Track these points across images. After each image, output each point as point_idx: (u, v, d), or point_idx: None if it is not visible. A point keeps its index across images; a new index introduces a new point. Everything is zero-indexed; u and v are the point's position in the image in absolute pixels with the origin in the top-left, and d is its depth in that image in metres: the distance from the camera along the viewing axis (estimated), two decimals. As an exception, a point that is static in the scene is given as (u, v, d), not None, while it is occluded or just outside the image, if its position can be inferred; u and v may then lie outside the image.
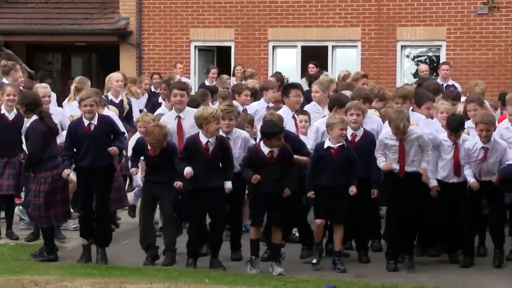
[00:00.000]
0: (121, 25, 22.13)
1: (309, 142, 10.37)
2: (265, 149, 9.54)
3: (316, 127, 10.50)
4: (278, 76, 16.68)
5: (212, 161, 9.64)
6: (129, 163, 10.50)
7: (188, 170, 9.51)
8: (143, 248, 10.05)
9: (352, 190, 9.64)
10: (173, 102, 10.66)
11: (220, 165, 9.74)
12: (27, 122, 10.34)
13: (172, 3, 21.65)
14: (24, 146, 10.75)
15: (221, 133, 9.92)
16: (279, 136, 9.50)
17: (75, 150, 9.90)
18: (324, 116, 10.77)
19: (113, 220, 11.28)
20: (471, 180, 9.82)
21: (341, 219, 9.78)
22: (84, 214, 10.03)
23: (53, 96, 13.39)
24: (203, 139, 9.65)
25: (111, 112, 11.55)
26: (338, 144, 9.69)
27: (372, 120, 10.53)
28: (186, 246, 9.88)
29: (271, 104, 12.47)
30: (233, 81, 17.49)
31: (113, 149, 9.76)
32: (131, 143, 10.92)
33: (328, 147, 9.72)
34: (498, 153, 9.86)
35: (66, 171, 9.79)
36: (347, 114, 10.04)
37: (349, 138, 9.93)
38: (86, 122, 9.82)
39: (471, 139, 10.08)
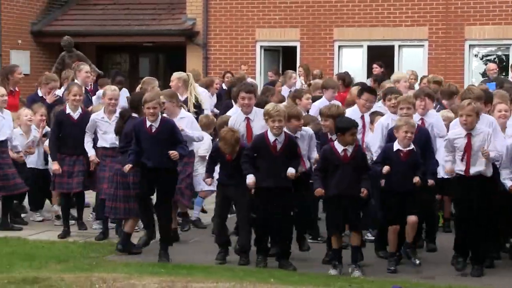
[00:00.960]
0: (188, 25, 22.32)
1: (376, 137, 10.35)
2: (339, 148, 9.51)
3: (381, 123, 10.47)
4: (340, 75, 16.63)
5: (280, 159, 9.65)
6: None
7: (250, 180, 9.58)
8: (218, 244, 10.10)
9: (416, 178, 9.54)
10: (241, 104, 10.67)
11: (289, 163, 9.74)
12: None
13: (238, 4, 21.76)
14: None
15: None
16: (352, 131, 9.46)
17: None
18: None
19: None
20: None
21: (414, 212, 9.61)
22: (142, 209, 10.16)
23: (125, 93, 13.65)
24: (271, 137, 9.70)
25: (188, 114, 11.59)
26: (408, 148, 9.61)
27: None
28: (254, 245, 9.93)
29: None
30: (299, 81, 17.47)
31: (173, 153, 9.80)
32: None
33: (398, 149, 9.65)
34: None
35: (127, 166, 9.91)
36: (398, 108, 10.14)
37: None
38: (148, 123, 9.95)
39: None
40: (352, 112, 10.83)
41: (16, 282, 8.36)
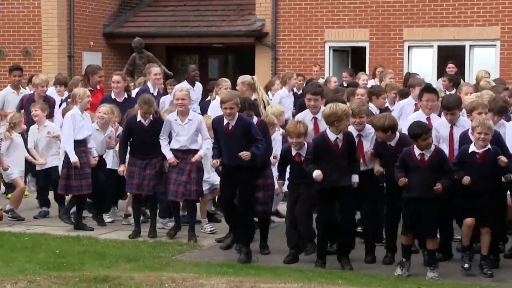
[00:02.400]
0: (257, 26, 22.39)
1: None
2: (417, 152, 9.45)
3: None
4: (412, 75, 16.45)
5: (342, 158, 9.65)
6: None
7: (317, 173, 9.56)
8: (289, 247, 10.14)
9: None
10: (307, 106, 10.69)
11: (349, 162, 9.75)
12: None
13: (307, 4, 21.75)
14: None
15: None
16: (423, 137, 9.37)
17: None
18: None
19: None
20: None
21: (488, 223, 9.48)
22: (226, 213, 10.29)
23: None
24: (332, 136, 9.68)
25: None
26: (483, 149, 9.48)
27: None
28: (316, 245, 9.94)
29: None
30: (373, 82, 17.36)
31: (244, 154, 9.85)
32: None
33: (473, 151, 9.54)
34: None
35: (215, 162, 10.19)
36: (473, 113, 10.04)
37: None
38: (225, 121, 10.07)
39: None
40: (417, 117, 10.73)
41: (87, 280, 8.49)
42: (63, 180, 11.80)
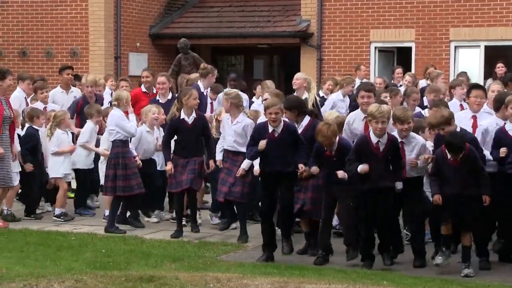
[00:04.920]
0: (302, 27, 22.37)
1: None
2: (449, 154, 9.47)
3: (484, 128, 10.21)
4: (465, 75, 16.32)
5: (383, 161, 9.62)
6: None
7: (363, 167, 9.54)
8: (321, 248, 10.16)
9: None
10: (361, 103, 10.64)
11: (391, 167, 9.70)
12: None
13: (352, 5, 21.68)
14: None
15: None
16: (460, 151, 9.36)
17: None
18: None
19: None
20: None
21: None
22: (266, 229, 10.25)
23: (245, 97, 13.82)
24: (374, 138, 9.66)
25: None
26: None
27: None
28: (360, 247, 9.92)
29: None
30: (425, 82, 17.24)
31: (301, 167, 9.91)
32: None
33: None
34: None
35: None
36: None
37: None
38: (270, 128, 10.04)
39: None
40: (464, 114, 10.65)
41: (133, 280, 8.56)
42: (110, 181, 11.87)
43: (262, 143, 9.98)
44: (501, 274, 9.59)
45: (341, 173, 9.71)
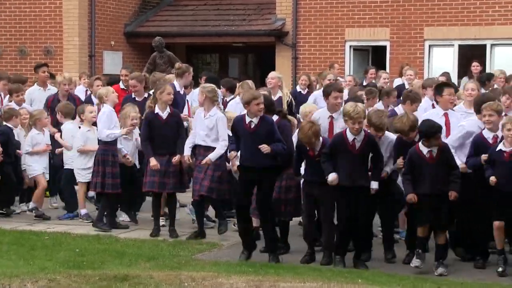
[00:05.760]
0: (277, 26, 22.39)
1: (452, 137, 10.16)
2: (424, 149, 9.48)
3: (464, 128, 10.17)
4: (447, 75, 16.42)
5: (359, 158, 9.63)
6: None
7: (333, 177, 9.57)
8: (307, 243, 10.15)
9: None
10: (333, 104, 10.63)
11: (369, 165, 9.73)
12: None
13: (327, 3, 21.72)
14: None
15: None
16: (437, 136, 9.41)
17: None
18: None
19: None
20: None
21: None
22: (240, 221, 10.21)
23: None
24: (350, 136, 9.68)
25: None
26: (511, 148, 9.42)
27: None
28: (334, 245, 9.93)
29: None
30: (400, 81, 17.32)
31: (264, 147, 9.79)
32: None
33: (500, 150, 9.46)
34: None
35: (233, 153, 10.11)
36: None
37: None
38: (247, 120, 10.00)
39: None
40: (436, 112, 10.70)
41: (107, 279, 8.51)
42: (95, 178, 11.85)
43: (231, 155, 10.05)
44: (473, 272, 9.64)
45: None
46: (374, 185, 9.67)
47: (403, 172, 9.75)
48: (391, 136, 10.17)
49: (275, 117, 10.46)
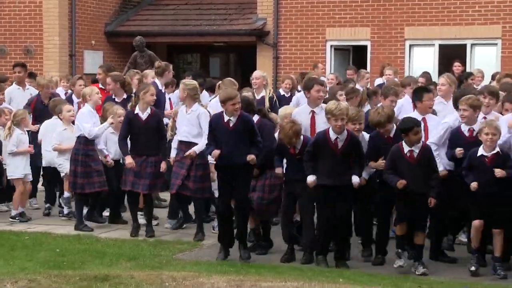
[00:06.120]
0: (258, 25, 22.38)
1: (437, 135, 10.19)
2: (406, 148, 9.51)
3: (448, 124, 10.20)
4: (427, 76, 16.45)
5: (341, 157, 9.65)
6: None
7: (310, 180, 9.60)
8: (286, 242, 10.16)
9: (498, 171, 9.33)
10: (315, 97, 10.62)
11: (350, 163, 9.73)
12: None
13: (308, 3, 21.74)
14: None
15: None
16: (415, 130, 9.43)
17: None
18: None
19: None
20: None
21: (501, 224, 9.41)
22: (220, 216, 10.22)
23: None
24: (333, 135, 9.70)
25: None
26: (492, 152, 9.42)
27: None
28: (317, 244, 9.94)
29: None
30: (381, 80, 17.34)
31: (251, 158, 9.85)
32: None
33: (482, 155, 9.45)
34: None
35: (216, 151, 9.96)
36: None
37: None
38: (226, 118, 9.99)
39: None
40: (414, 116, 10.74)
41: (88, 279, 8.49)
42: (71, 177, 11.80)
43: (215, 154, 9.95)
44: (453, 270, 9.69)
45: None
46: (355, 179, 9.66)
47: (385, 168, 9.68)
48: (366, 134, 10.23)
49: (255, 117, 10.47)
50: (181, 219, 11.92)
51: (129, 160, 11.28)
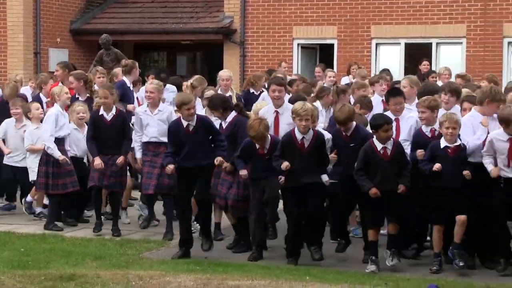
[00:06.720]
0: (225, 23, 22.35)
1: (403, 132, 10.23)
2: (379, 146, 9.52)
3: (414, 119, 10.29)
4: (386, 72, 16.51)
5: (308, 157, 9.66)
6: None
7: (284, 164, 9.57)
8: (254, 245, 10.15)
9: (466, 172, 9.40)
10: (272, 97, 10.72)
11: (318, 162, 9.76)
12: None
13: (275, 1, 21.74)
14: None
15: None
16: (385, 127, 9.45)
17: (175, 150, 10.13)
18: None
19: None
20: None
21: (464, 211, 9.38)
22: (181, 220, 10.21)
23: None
24: (299, 135, 9.71)
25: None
26: (455, 144, 9.48)
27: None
28: (286, 244, 9.95)
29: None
30: (347, 79, 17.39)
31: (220, 160, 9.89)
32: None
33: (446, 146, 9.53)
34: None
35: (170, 167, 9.97)
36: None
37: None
38: (185, 123, 9.98)
39: None
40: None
41: (53, 279, 8.42)
42: (43, 178, 11.68)
43: (169, 169, 9.94)
44: (418, 268, 9.72)
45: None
46: (325, 177, 9.70)
47: (356, 168, 9.68)
48: (328, 135, 10.24)
49: (232, 114, 10.46)
50: (148, 217, 11.88)
51: (97, 161, 11.27)
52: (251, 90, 15.07)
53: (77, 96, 13.19)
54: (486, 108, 9.74)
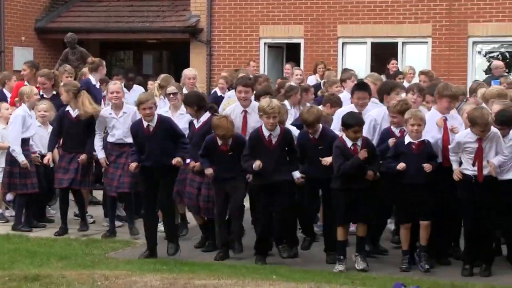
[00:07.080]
0: (191, 22, 22.30)
1: (364, 128, 10.25)
2: (349, 143, 9.54)
3: (372, 118, 10.32)
4: (348, 71, 16.54)
5: (276, 153, 9.66)
6: None
7: (257, 163, 9.56)
8: (218, 246, 10.14)
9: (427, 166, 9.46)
10: (238, 98, 10.72)
11: (287, 158, 9.76)
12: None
13: (242, 0, 21.73)
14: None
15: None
16: (355, 129, 9.47)
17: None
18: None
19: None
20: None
21: (428, 216, 9.51)
22: (146, 221, 10.19)
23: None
24: (266, 132, 9.71)
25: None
26: (419, 140, 9.55)
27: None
28: (254, 243, 9.94)
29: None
30: (314, 78, 17.41)
31: (177, 161, 9.86)
32: None
33: (410, 142, 9.59)
34: None
35: (133, 164, 9.95)
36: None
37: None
38: (145, 124, 9.96)
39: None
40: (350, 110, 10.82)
41: (17, 279, 8.34)
42: (6, 178, 11.61)
43: (132, 167, 9.96)
44: (386, 266, 9.78)
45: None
46: (297, 174, 9.72)
47: (336, 168, 9.55)
48: (293, 129, 10.26)
49: (207, 115, 10.43)
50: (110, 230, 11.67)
51: (47, 156, 11.37)
52: (219, 93, 15.07)
53: (41, 93, 13.10)
54: (439, 104, 9.89)
